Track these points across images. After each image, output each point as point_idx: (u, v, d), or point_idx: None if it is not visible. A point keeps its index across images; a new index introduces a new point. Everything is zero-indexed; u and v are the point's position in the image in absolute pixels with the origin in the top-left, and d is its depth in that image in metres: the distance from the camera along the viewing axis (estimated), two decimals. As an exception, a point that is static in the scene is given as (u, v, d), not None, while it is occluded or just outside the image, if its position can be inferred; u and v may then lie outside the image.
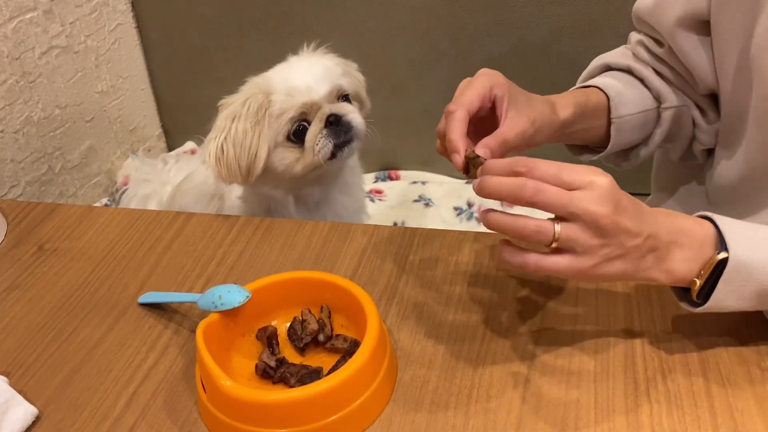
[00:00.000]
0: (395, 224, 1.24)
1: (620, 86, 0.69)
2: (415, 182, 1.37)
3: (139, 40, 1.36)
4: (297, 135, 0.81)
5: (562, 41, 0.80)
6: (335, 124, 0.81)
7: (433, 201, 1.31)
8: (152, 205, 1.18)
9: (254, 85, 0.83)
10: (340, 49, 0.87)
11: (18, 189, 1.09)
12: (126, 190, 1.28)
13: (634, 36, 0.75)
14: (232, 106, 0.81)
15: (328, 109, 0.81)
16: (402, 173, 1.41)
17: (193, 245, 0.73)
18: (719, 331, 0.57)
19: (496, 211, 0.50)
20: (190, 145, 1.45)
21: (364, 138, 0.84)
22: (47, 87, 1.13)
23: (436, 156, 0.62)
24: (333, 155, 0.82)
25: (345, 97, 0.85)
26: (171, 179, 1.20)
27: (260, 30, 1.26)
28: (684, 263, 0.51)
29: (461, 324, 0.60)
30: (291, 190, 0.87)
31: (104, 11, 1.25)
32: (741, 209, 0.65)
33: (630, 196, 0.51)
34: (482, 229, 0.59)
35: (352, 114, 0.82)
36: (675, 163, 0.79)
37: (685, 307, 0.54)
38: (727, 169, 0.67)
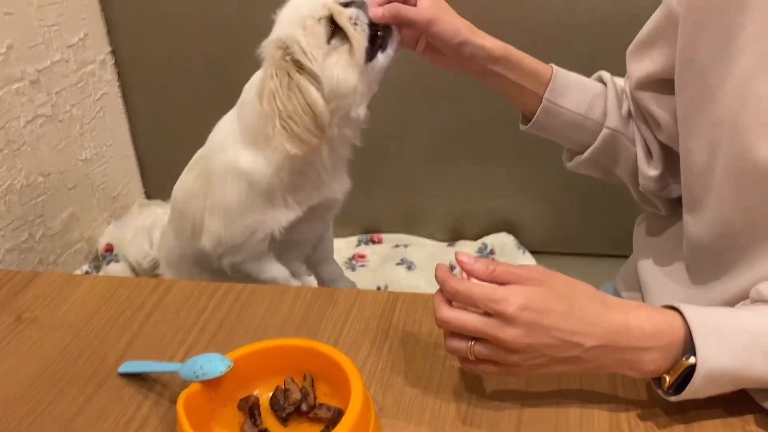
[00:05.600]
0: (378, 288, 1.24)
1: (575, 80, 0.76)
2: (397, 245, 1.38)
3: (124, 109, 1.38)
4: (335, 34, 0.79)
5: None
6: (359, 6, 0.79)
7: (416, 264, 1.31)
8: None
9: (267, 55, 0.81)
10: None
11: (-3, 257, 1.08)
12: (110, 257, 1.28)
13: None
14: (266, 90, 0.80)
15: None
16: (384, 236, 1.42)
17: (174, 313, 0.72)
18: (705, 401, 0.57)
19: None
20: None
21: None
22: (31, 155, 1.13)
23: (418, 218, 0.64)
24: (373, 44, 0.80)
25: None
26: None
27: (244, 98, 1.28)
28: (652, 363, 0.52)
29: (446, 389, 0.60)
30: (339, 125, 0.84)
31: (90, 81, 1.27)
32: (721, 269, 0.66)
33: (575, 299, 0.53)
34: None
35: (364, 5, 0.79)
36: (653, 222, 0.81)
37: (659, 393, 0.54)
38: (698, 228, 0.68)
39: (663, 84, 0.70)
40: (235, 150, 0.90)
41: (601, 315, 0.52)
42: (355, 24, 0.79)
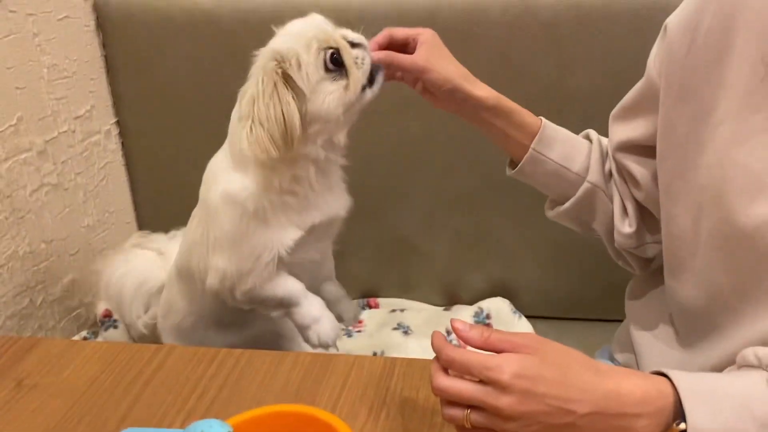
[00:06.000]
0: (375, 354, 1.24)
1: (563, 134, 0.81)
2: (393, 310, 1.38)
3: (127, 176, 1.42)
4: (335, 62, 0.80)
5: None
6: (362, 47, 0.82)
7: (412, 329, 1.32)
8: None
9: (260, 62, 0.82)
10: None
11: (-3, 323, 1.09)
12: (109, 322, 1.28)
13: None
14: (249, 91, 0.81)
15: (345, 33, 0.83)
16: (381, 300, 1.43)
17: (174, 378, 0.73)
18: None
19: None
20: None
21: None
22: (35, 222, 1.16)
23: (414, 283, 0.66)
24: (371, 78, 0.83)
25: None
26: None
27: (244, 166, 1.32)
28: (644, 429, 0.53)
29: (442, 455, 0.60)
30: (309, 161, 0.85)
31: (95, 150, 1.31)
32: (711, 331, 0.67)
33: (568, 367, 0.54)
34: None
35: (365, 48, 0.83)
36: (638, 286, 0.83)
37: None
38: (685, 292, 0.70)
39: (644, 149, 0.74)
40: (225, 177, 0.90)
41: (594, 382, 0.54)
42: (358, 64, 0.82)
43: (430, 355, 0.58)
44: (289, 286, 0.94)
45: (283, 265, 0.92)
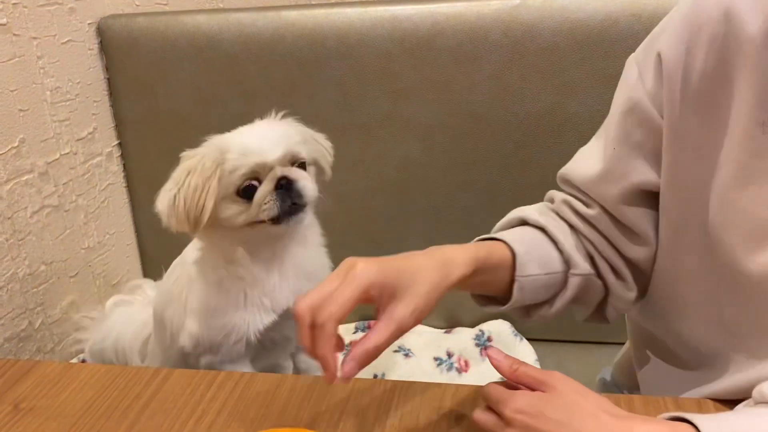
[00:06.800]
0: (375, 376, 1.23)
1: (529, 244, 0.70)
2: (395, 333, 1.38)
3: (128, 198, 1.42)
4: (245, 192, 0.85)
5: (526, 197, 0.89)
6: (286, 188, 0.84)
7: (413, 351, 1.31)
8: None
9: (213, 143, 0.87)
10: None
11: (-5, 346, 1.09)
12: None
13: (557, 195, 0.75)
14: (190, 160, 0.86)
15: (280, 171, 0.85)
16: (382, 324, 1.42)
17: (172, 402, 0.73)
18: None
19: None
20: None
21: (316, 205, 0.88)
22: (36, 244, 1.16)
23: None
24: (278, 219, 0.85)
25: (301, 165, 0.88)
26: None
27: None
28: None
29: (443, 481, 0.60)
30: (239, 242, 0.89)
31: (97, 172, 1.31)
32: (716, 359, 0.67)
33: (578, 410, 0.54)
34: (463, 380, 0.61)
35: (305, 181, 0.86)
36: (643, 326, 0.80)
37: None
38: (687, 326, 0.69)
39: (646, 196, 0.69)
40: (195, 246, 0.95)
41: (602, 427, 0.52)
42: (267, 202, 0.85)
43: (431, 377, 0.58)
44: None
45: (259, 345, 0.94)
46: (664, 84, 0.62)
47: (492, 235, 0.73)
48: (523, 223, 0.75)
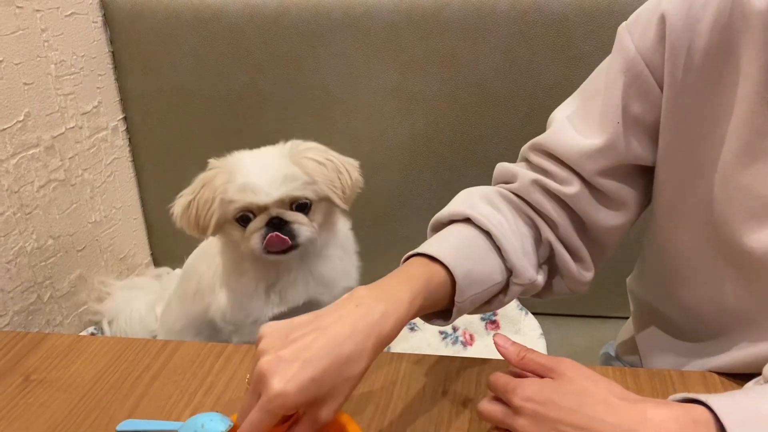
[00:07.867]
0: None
1: (470, 262, 0.65)
2: (400, 307, 1.38)
3: (134, 173, 1.42)
4: (242, 220, 0.89)
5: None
6: (278, 227, 0.87)
7: (419, 325, 1.32)
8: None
9: (229, 162, 0.91)
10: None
11: (5, 319, 1.09)
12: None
13: (525, 175, 0.70)
14: (209, 171, 0.90)
15: (275, 212, 0.87)
16: (388, 298, 1.42)
17: (181, 374, 0.73)
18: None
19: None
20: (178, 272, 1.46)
21: (310, 244, 0.91)
22: (43, 218, 1.16)
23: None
24: (267, 253, 0.88)
25: (302, 206, 0.89)
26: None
27: (251, 162, 1.32)
28: None
29: (449, 451, 0.60)
30: (247, 251, 0.91)
31: (102, 146, 1.31)
32: (719, 332, 0.67)
33: (588, 396, 0.52)
34: (468, 354, 0.60)
35: (298, 224, 0.88)
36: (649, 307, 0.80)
37: None
38: (689, 302, 0.69)
39: (634, 169, 0.67)
40: None
41: (613, 412, 0.51)
42: (254, 233, 0.88)
43: (436, 351, 0.58)
44: None
45: None
46: (666, 50, 0.60)
47: (431, 253, 0.65)
48: (468, 220, 0.69)
